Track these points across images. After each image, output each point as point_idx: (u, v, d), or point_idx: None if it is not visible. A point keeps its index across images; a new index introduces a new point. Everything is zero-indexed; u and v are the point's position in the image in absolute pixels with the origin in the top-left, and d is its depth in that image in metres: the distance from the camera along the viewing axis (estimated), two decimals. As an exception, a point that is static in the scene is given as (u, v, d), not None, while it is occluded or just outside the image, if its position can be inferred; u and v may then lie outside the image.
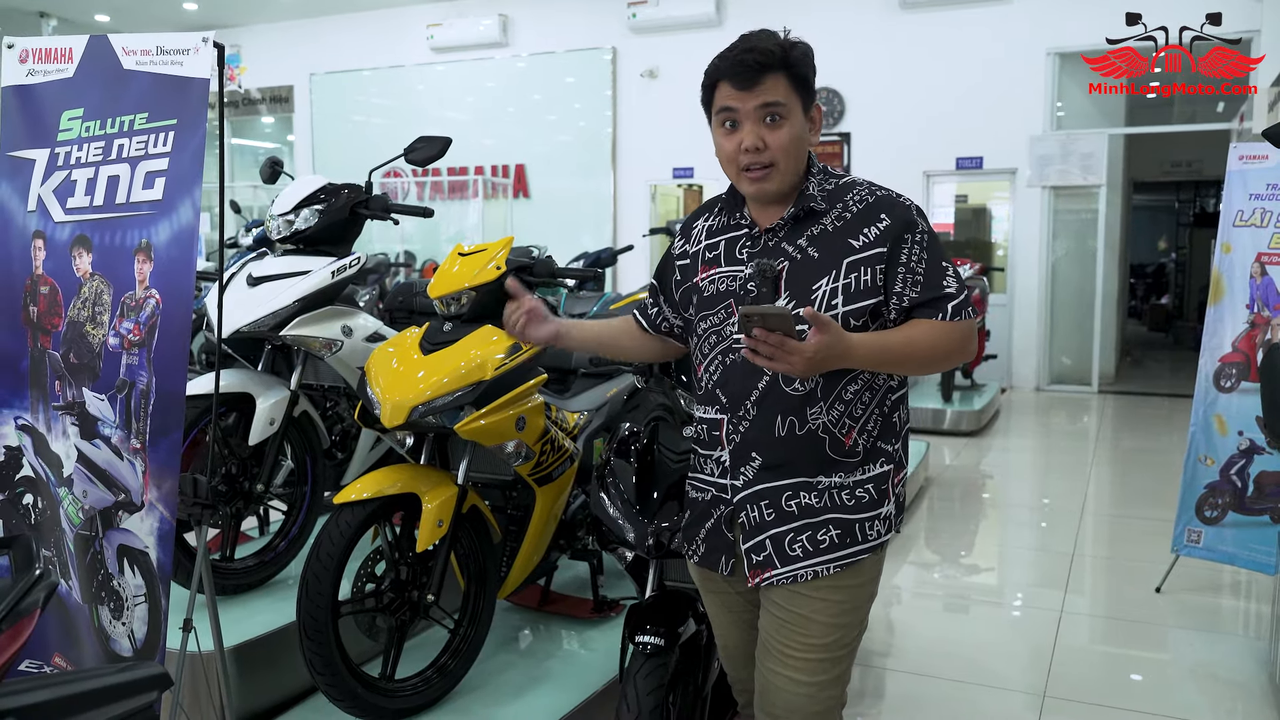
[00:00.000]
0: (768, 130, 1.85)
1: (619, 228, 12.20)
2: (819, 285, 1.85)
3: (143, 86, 2.27)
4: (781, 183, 1.89)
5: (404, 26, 13.07)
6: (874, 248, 1.85)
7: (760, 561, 1.94)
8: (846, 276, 1.85)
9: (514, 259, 2.89)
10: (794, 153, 1.87)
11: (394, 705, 2.65)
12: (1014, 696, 3.46)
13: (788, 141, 1.85)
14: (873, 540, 1.92)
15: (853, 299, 1.84)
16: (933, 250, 1.87)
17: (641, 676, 2.14)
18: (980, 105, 10.35)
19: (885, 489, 1.94)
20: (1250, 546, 4.15)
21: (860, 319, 1.85)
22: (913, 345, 1.83)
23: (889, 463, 1.94)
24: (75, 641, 2.44)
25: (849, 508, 1.91)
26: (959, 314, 1.85)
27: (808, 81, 1.88)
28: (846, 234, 1.87)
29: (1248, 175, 4.20)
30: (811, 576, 1.91)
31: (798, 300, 1.86)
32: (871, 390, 1.91)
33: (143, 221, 2.25)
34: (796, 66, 1.86)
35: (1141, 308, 18.92)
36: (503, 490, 3.08)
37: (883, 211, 1.87)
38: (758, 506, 1.93)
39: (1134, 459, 7.82)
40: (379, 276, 7.56)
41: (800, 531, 1.90)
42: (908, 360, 1.85)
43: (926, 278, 1.85)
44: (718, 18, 11.29)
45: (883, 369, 1.87)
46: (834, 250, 1.87)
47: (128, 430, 2.26)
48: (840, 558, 1.90)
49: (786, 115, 1.85)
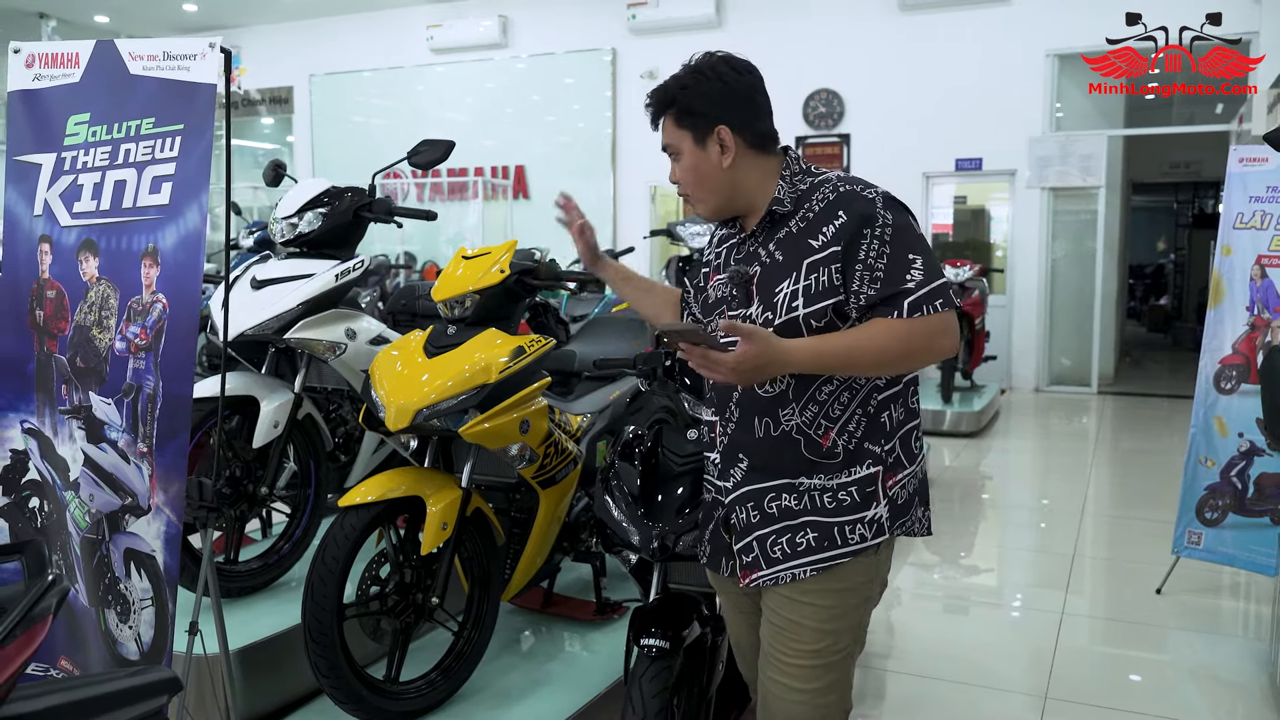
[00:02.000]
0: (676, 166, 1.99)
1: (619, 229, 12.20)
2: (781, 288, 1.87)
3: (149, 91, 2.28)
4: (704, 207, 1.99)
5: (404, 28, 13.07)
6: (830, 246, 1.84)
7: (749, 563, 1.96)
8: (807, 278, 1.85)
9: (518, 262, 2.90)
10: (698, 180, 1.96)
11: (398, 708, 2.66)
12: (1015, 698, 3.47)
13: (684, 174, 1.97)
14: (855, 544, 1.90)
15: (812, 300, 1.84)
16: (897, 244, 1.82)
17: (646, 679, 2.15)
18: (979, 106, 10.37)
19: (873, 491, 1.91)
20: (1250, 548, 4.16)
21: (822, 320, 1.84)
22: (857, 348, 1.80)
23: (876, 464, 1.91)
24: (81, 645, 2.44)
25: (828, 510, 1.90)
26: (919, 310, 1.79)
27: (693, 111, 1.92)
28: (807, 235, 1.88)
29: (1248, 178, 4.21)
30: (790, 579, 1.92)
31: (764, 304, 1.89)
32: (850, 391, 1.89)
33: (149, 226, 2.26)
34: (676, 103, 1.94)
35: (1140, 309, 18.94)
36: (506, 493, 3.09)
37: (841, 208, 1.85)
38: (745, 508, 1.96)
39: (1133, 460, 7.84)
40: (379, 278, 7.57)
41: (781, 534, 1.92)
42: (854, 363, 1.82)
43: (887, 274, 1.81)
44: (717, 19, 11.30)
45: (827, 372, 1.85)
46: (796, 252, 1.88)
47: (134, 434, 2.27)
48: (817, 561, 1.90)
49: (678, 151, 1.97)
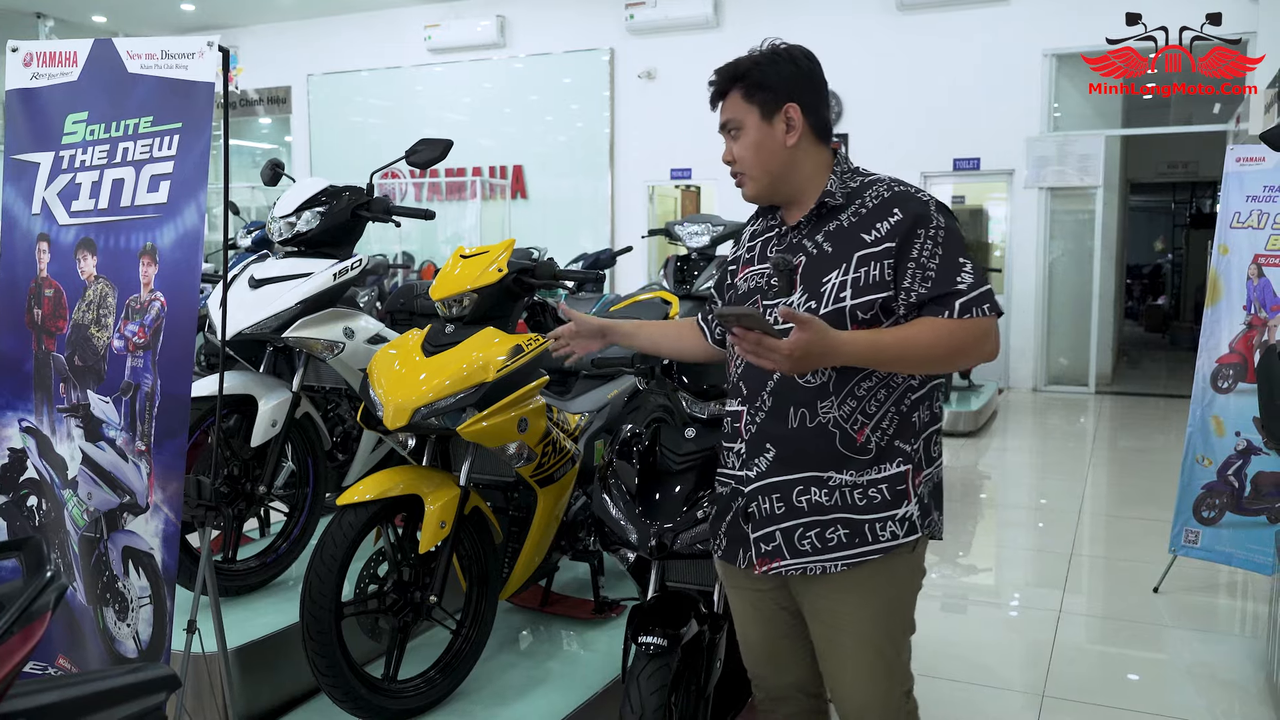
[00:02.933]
0: (734, 143, 2.00)
1: (616, 229, 12.20)
2: (829, 279, 1.89)
3: (148, 90, 2.28)
4: (754, 187, 2.00)
5: (402, 27, 13.07)
6: (884, 242, 1.88)
7: (769, 551, 1.97)
8: (856, 270, 1.88)
9: (515, 261, 2.90)
10: (756, 159, 1.97)
11: (397, 706, 2.66)
12: (1013, 696, 3.48)
13: (744, 151, 1.98)
14: (885, 541, 1.92)
15: (860, 293, 1.87)
16: (949, 246, 1.87)
17: (645, 677, 2.15)
18: (977, 106, 10.38)
19: (903, 490, 1.93)
20: (1247, 547, 4.16)
21: (868, 313, 1.87)
22: (908, 343, 1.83)
23: (906, 462, 1.94)
24: (79, 643, 2.44)
25: (859, 507, 1.92)
26: (969, 312, 1.84)
27: (764, 86, 1.95)
28: (860, 229, 1.91)
29: (1245, 177, 4.22)
30: (820, 572, 1.94)
31: (810, 293, 1.90)
32: (888, 388, 1.92)
33: (148, 225, 2.26)
34: (748, 77, 1.96)
35: (1138, 308, 18.95)
36: (504, 491, 3.09)
37: (896, 206, 1.90)
38: (769, 499, 1.96)
39: (1131, 459, 7.84)
40: (377, 278, 7.56)
41: (810, 528, 1.93)
42: (904, 359, 1.84)
43: (939, 274, 1.85)
44: (715, 19, 11.30)
45: (876, 366, 1.87)
46: (846, 245, 1.90)
47: (132, 432, 2.27)
48: (847, 557, 1.93)
49: (740, 127, 1.98)
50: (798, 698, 2.18)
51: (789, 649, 2.13)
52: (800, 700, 2.19)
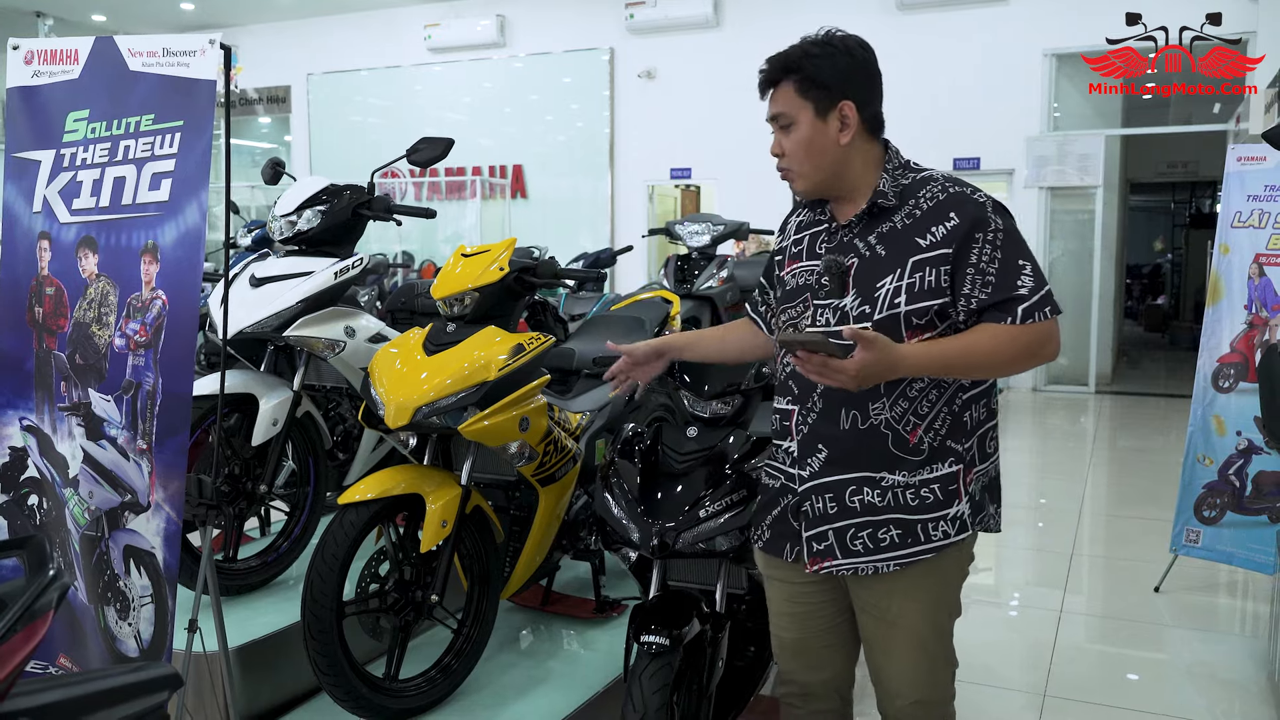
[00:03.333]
0: (784, 137, 1.93)
1: (616, 228, 12.20)
2: (883, 284, 1.87)
3: (149, 88, 2.28)
4: (805, 184, 1.95)
5: (401, 27, 13.06)
6: (940, 248, 1.85)
7: (821, 550, 1.97)
8: (911, 276, 1.85)
9: (517, 260, 2.90)
10: (806, 156, 1.92)
11: (398, 705, 2.65)
12: (1014, 696, 3.47)
13: (795, 146, 1.92)
14: (938, 541, 1.93)
15: (916, 299, 1.85)
16: (1008, 249, 1.84)
17: (647, 676, 2.15)
18: (977, 106, 10.37)
19: (955, 489, 1.93)
20: (1248, 546, 4.16)
21: (924, 318, 1.85)
22: (970, 353, 1.82)
23: (958, 462, 1.93)
24: (80, 642, 2.44)
25: (912, 508, 1.92)
26: (1031, 317, 1.82)
27: (819, 82, 1.89)
28: (914, 232, 1.88)
29: (1246, 177, 4.22)
30: (872, 572, 1.95)
31: (863, 297, 1.88)
32: (939, 389, 1.91)
33: (149, 223, 2.25)
34: (802, 70, 1.89)
35: (1138, 308, 18.95)
36: (505, 491, 3.09)
37: (952, 209, 1.86)
38: (822, 498, 1.96)
39: (1131, 459, 7.85)
40: (377, 277, 7.55)
41: (862, 528, 1.94)
42: (967, 368, 1.84)
43: (999, 278, 1.83)
44: (715, 19, 11.30)
45: (939, 375, 1.87)
46: (901, 248, 1.88)
47: (134, 431, 2.27)
48: (900, 557, 1.93)
49: (793, 121, 1.92)
50: (827, 696, 2.18)
51: (823, 646, 2.13)
52: (827, 700, 2.18)
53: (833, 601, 2.09)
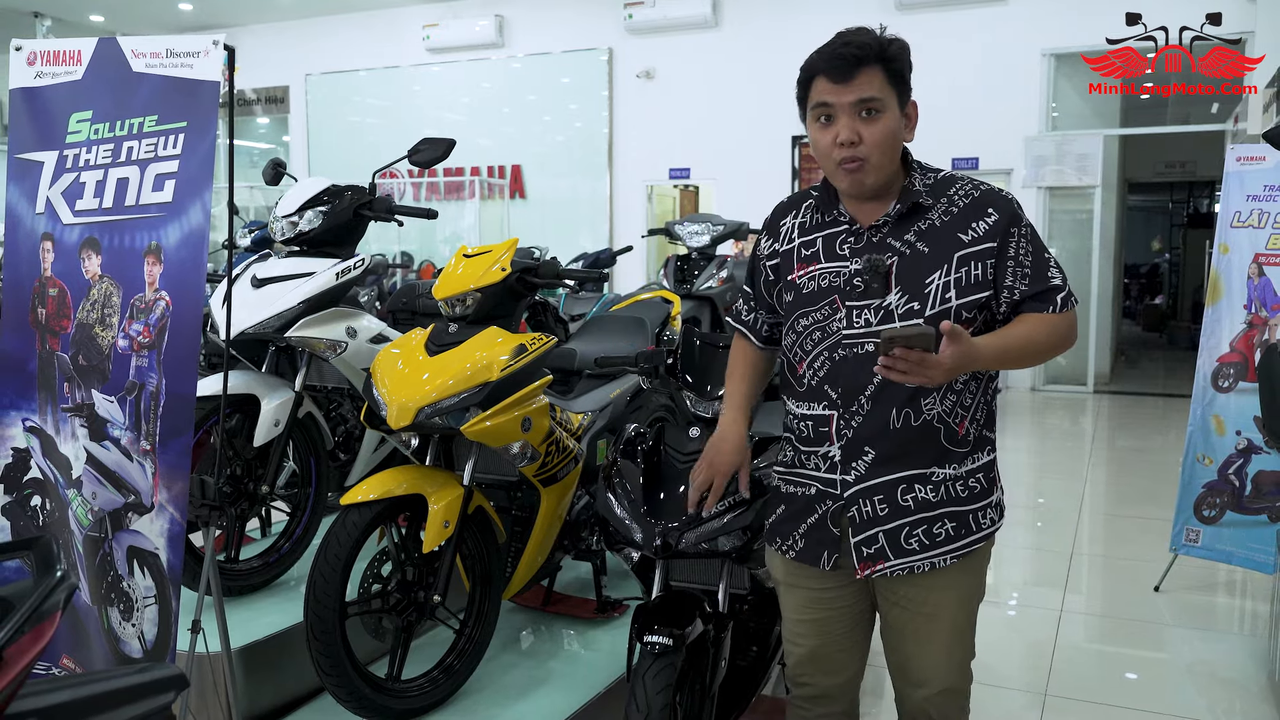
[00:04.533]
0: (863, 124, 1.86)
1: (615, 228, 12.20)
2: (932, 279, 1.88)
3: (152, 89, 2.28)
4: (877, 177, 1.89)
5: (400, 27, 13.06)
6: (984, 242, 1.89)
7: (872, 554, 1.97)
8: (958, 270, 1.88)
9: (519, 260, 2.90)
10: (888, 148, 1.88)
11: (400, 706, 2.65)
12: (1016, 695, 3.48)
13: (882, 136, 1.86)
14: (986, 529, 2.00)
15: (965, 292, 1.88)
16: (1036, 243, 1.92)
17: (650, 677, 2.15)
18: (976, 106, 10.38)
19: (994, 476, 2.01)
20: (1248, 545, 4.17)
21: (972, 311, 1.89)
22: (1031, 341, 1.89)
23: (993, 450, 2.02)
24: (83, 643, 2.44)
25: (963, 499, 1.96)
26: (1066, 305, 1.92)
27: (904, 77, 1.90)
28: (955, 228, 1.90)
29: (1245, 177, 4.23)
30: (929, 568, 1.96)
31: (909, 294, 1.88)
32: (977, 379, 1.96)
33: (152, 224, 2.25)
34: (894, 61, 1.87)
35: (1135, 308, 18.97)
36: (507, 491, 3.09)
37: (990, 206, 1.91)
38: (870, 501, 1.95)
39: (1130, 459, 7.85)
40: (377, 278, 7.56)
41: (916, 525, 1.94)
42: (1026, 356, 1.91)
43: (1034, 270, 1.90)
44: (714, 19, 11.30)
45: (1004, 367, 1.93)
46: (944, 244, 1.89)
47: (137, 432, 2.27)
48: (957, 549, 1.97)
49: (882, 110, 1.86)
50: (840, 698, 2.18)
51: (838, 652, 2.13)
52: (839, 702, 2.18)
53: (853, 605, 2.09)
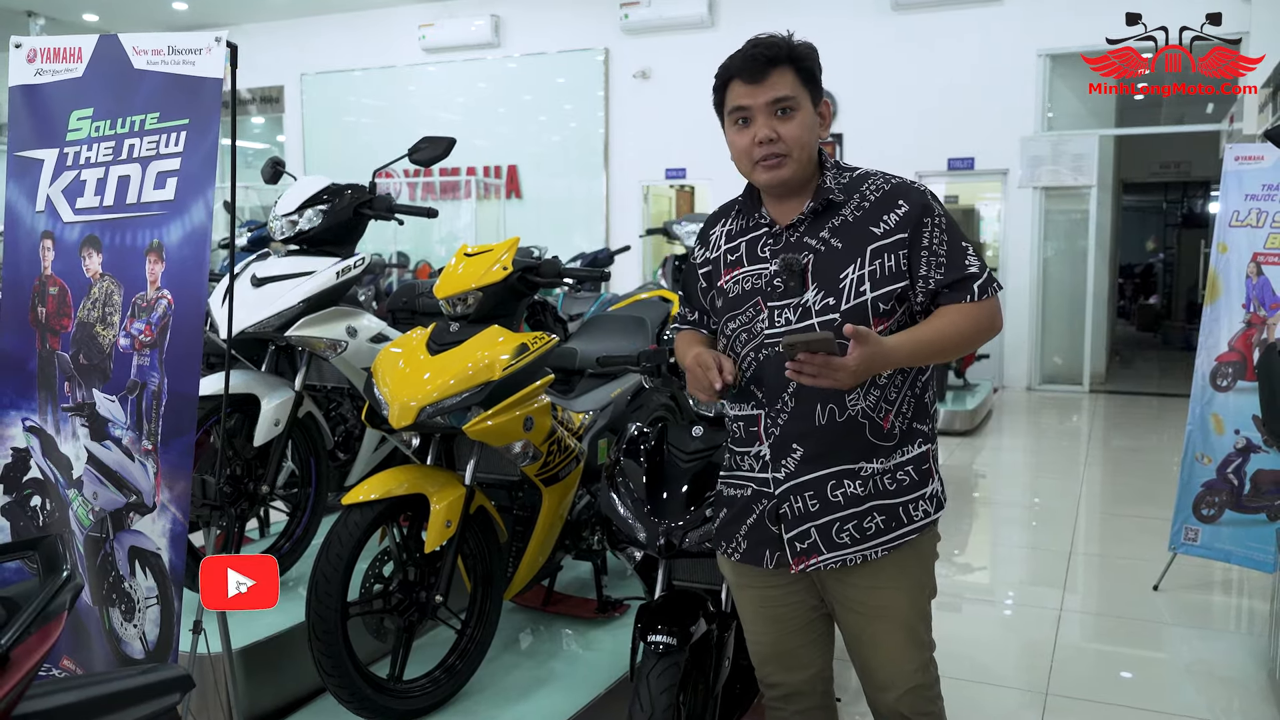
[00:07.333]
0: (779, 122, 1.92)
1: (611, 228, 12.19)
2: (845, 274, 1.91)
3: (154, 86, 2.27)
4: (795, 171, 1.94)
5: (395, 27, 13.03)
6: (896, 233, 1.91)
7: (805, 549, 1.98)
8: (871, 263, 1.90)
9: (519, 260, 2.90)
10: (805, 143, 1.93)
11: (402, 706, 2.65)
12: (1015, 694, 3.48)
13: (798, 132, 1.92)
14: (919, 520, 1.99)
15: (879, 284, 1.90)
16: (951, 232, 1.93)
17: (654, 676, 2.14)
18: (972, 106, 10.39)
19: (928, 469, 2.01)
20: (1247, 544, 4.17)
21: (889, 303, 1.91)
22: (945, 335, 1.90)
23: (926, 442, 2.01)
24: (85, 644, 2.43)
25: (891, 492, 1.97)
26: (985, 293, 1.93)
27: (814, 76, 1.96)
28: (867, 222, 1.93)
29: (1244, 176, 4.23)
30: (860, 561, 1.97)
31: (825, 290, 1.91)
32: (903, 373, 1.96)
33: (154, 222, 2.24)
34: (803, 60, 1.94)
35: (1130, 308, 19.01)
36: (509, 491, 3.08)
37: (900, 198, 1.93)
38: (801, 497, 1.97)
39: (1126, 458, 7.86)
40: (374, 277, 7.55)
41: (847, 520, 1.96)
42: (945, 349, 1.92)
43: (949, 259, 1.92)
44: (710, 19, 11.29)
45: (921, 363, 1.93)
46: (857, 238, 1.92)
47: (139, 431, 2.25)
48: (887, 541, 1.97)
49: (796, 108, 1.92)
50: (810, 693, 2.18)
51: (799, 647, 2.13)
52: (810, 698, 2.19)
53: (805, 600, 2.10)
